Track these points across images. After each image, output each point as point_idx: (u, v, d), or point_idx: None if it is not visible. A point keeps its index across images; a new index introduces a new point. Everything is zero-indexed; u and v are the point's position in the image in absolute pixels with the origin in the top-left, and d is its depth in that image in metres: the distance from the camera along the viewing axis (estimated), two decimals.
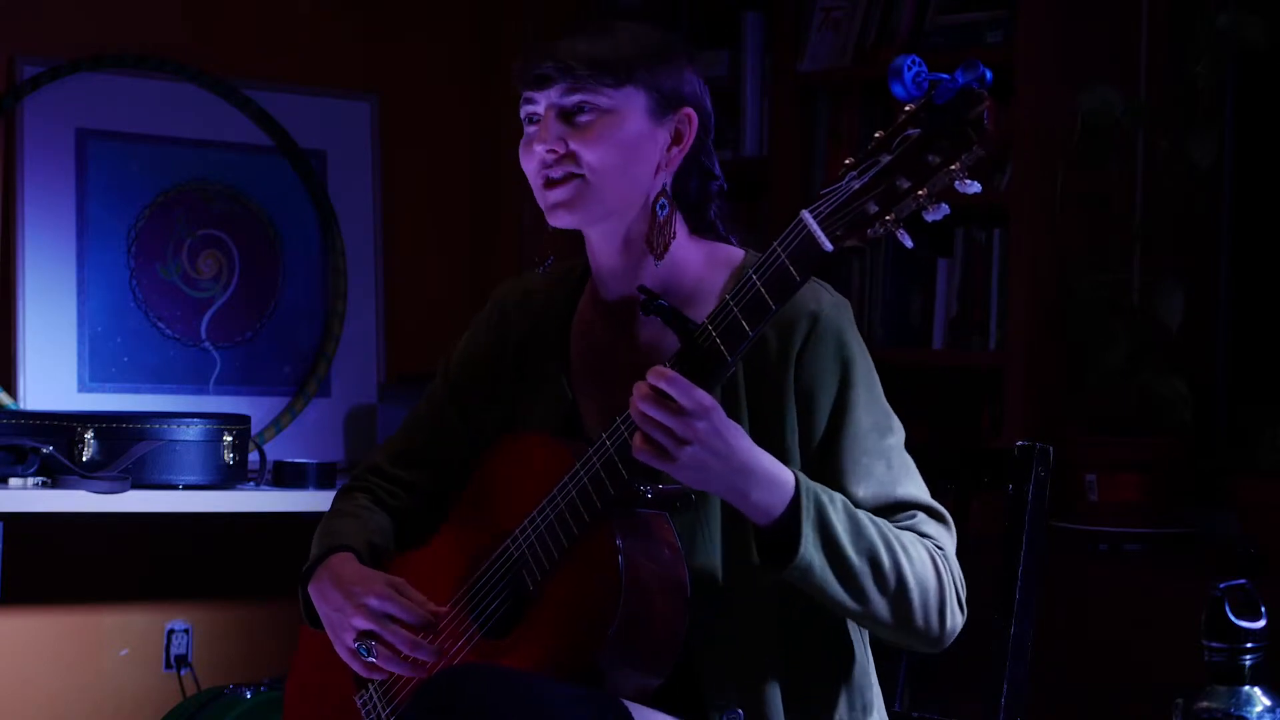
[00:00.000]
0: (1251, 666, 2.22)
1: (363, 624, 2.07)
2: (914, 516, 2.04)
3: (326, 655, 2.16)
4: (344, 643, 2.10)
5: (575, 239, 2.17)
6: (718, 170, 2.15)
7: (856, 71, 3.83)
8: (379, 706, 2.16)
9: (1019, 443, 2.30)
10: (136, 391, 3.94)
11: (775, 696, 2.03)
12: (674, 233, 2.08)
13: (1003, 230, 3.54)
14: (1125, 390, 3.36)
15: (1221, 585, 2.25)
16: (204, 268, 4.07)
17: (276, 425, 4.06)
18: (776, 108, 3.96)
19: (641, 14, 4.27)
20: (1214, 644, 2.23)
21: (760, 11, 4.05)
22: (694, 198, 2.12)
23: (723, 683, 2.03)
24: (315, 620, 2.17)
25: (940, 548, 2.03)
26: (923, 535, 2.03)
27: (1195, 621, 2.25)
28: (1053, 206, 3.38)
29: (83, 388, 3.89)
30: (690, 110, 2.09)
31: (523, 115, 2.12)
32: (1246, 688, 2.22)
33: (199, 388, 4.02)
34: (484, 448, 2.18)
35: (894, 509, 2.04)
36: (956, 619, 2.03)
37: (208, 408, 3.96)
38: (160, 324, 4.00)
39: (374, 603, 2.07)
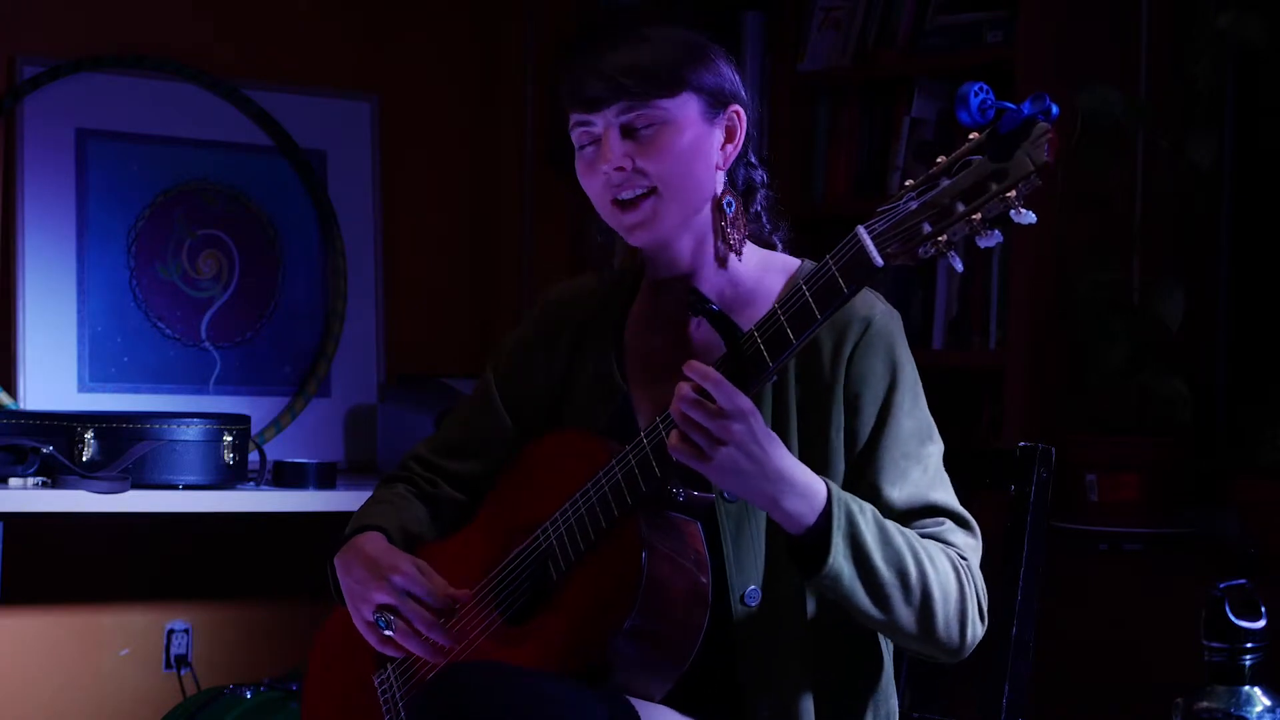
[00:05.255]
0: (1251, 666, 2.22)
1: (383, 598, 2.10)
2: (942, 524, 2.06)
3: (350, 634, 2.18)
4: (362, 615, 2.13)
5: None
6: (757, 160, 2.20)
7: (856, 71, 3.83)
8: (395, 688, 2.18)
9: (1020, 443, 2.30)
10: (136, 391, 3.94)
11: (808, 704, 2.05)
12: (745, 228, 2.14)
13: (1003, 230, 3.53)
14: (1125, 390, 3.35)
15: (1221, 585, 2.25)
16: (204, 268, 4.07)
17: (276, 425, 4.06)
18: (776, 108, 3.96)
19: (642, 14, 4.27)
20: (1214, 644, 2.23)
21: (760, 11, 4.05)
22: (742, 189, 2.17)
23: (760, 691, 2.04)
24: (343, 597, 2.19)
25: (964, 557, 2.05)
26: (948, 544, 2.05)
27: (1195, 621, 2.25)
28: (1053, 206, 3.38)
29: (83, 388, 3.89)
30: (738, 107, 2.14)
31: (576, 136, 2.12)
32: (1246, 688, 2.22)
33: (199, 388, 4.02)
34: (529, 440, 2.20)
35: (925, 512, 2.06)
36: (977, 629, 2.05)
37: (208, 408, 3.96)
38: (160, 324, 4.00)
39: (397, 579, 2.10)
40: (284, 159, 4.15)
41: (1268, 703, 2.22)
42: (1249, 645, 2.22)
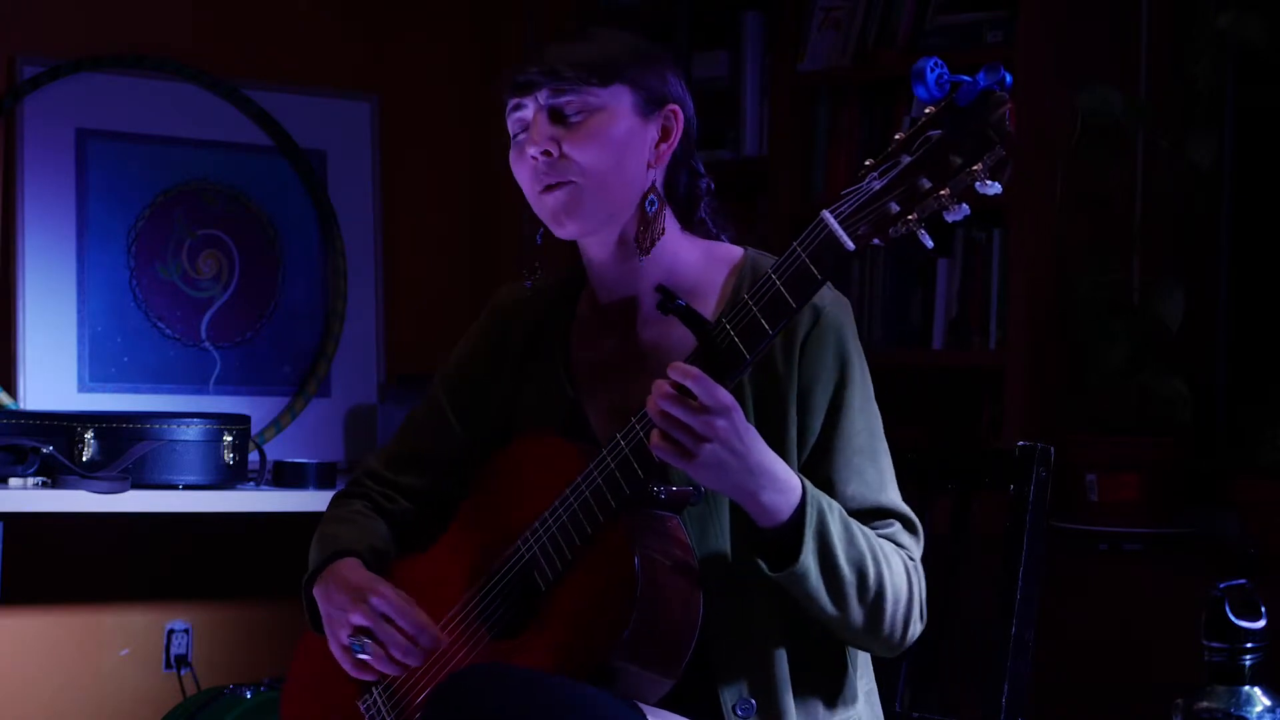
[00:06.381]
0: (1251, 666, 2.22)
1: (360, 620, 2.08)
2: (891, 525, 2.07)
3: (327, 660, 2.16)
4: (338, 638, 2.11)
5: (567, 246, 2.18)
6: (703, 170, 2.18)
7: (856, 71, 3.83)
8: (383, 711, 2.15)
9: (1020, 443, 2.30)
10: (136, 391, 3.94)
11: (785, 681, 2.04)
12: (663, 229, 2.11)
13: (1003, 230, 3.54)
14: (1125, 390, 3.36)
15: (1221, 585, 2.25)
16: (204, 268, 4.07)
17: (276, 425, 4.06)
18: (776, 108, 3.96)
19: (640, 14, 4.27)
20: (1214, 644, 2.23)
21: (760, 11, 4.06)
22: (683, 194, 2.15)
23: (733, 670, 2.04)
24: (320, 627, 2.17)
25: (912, 559, 2.07)
26: (899, 545, 2.06)
27: (1195, 621, 2.25)
28: (1053, 206, 3.38)
29: (83, 388, 3.89)
30: (675, 107, 2.12)
31: (511, 124, 2.13)
32: (1246, 688, 2.22)
33: (199, 388, 4.02)
34: (481, 451, 2.19)
35: (875, 514, 2.06)
36: (917, 628, 2.07)
37: (208, 408, 3.96)
38: (160, 324, 4.00)
39: (376, 601, 2.08)
40: (284, 159, 4.15)
41: (1268, 703, 2.22)
42: (1249, 645, 2.22)
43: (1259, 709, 2.20)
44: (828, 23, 3.90)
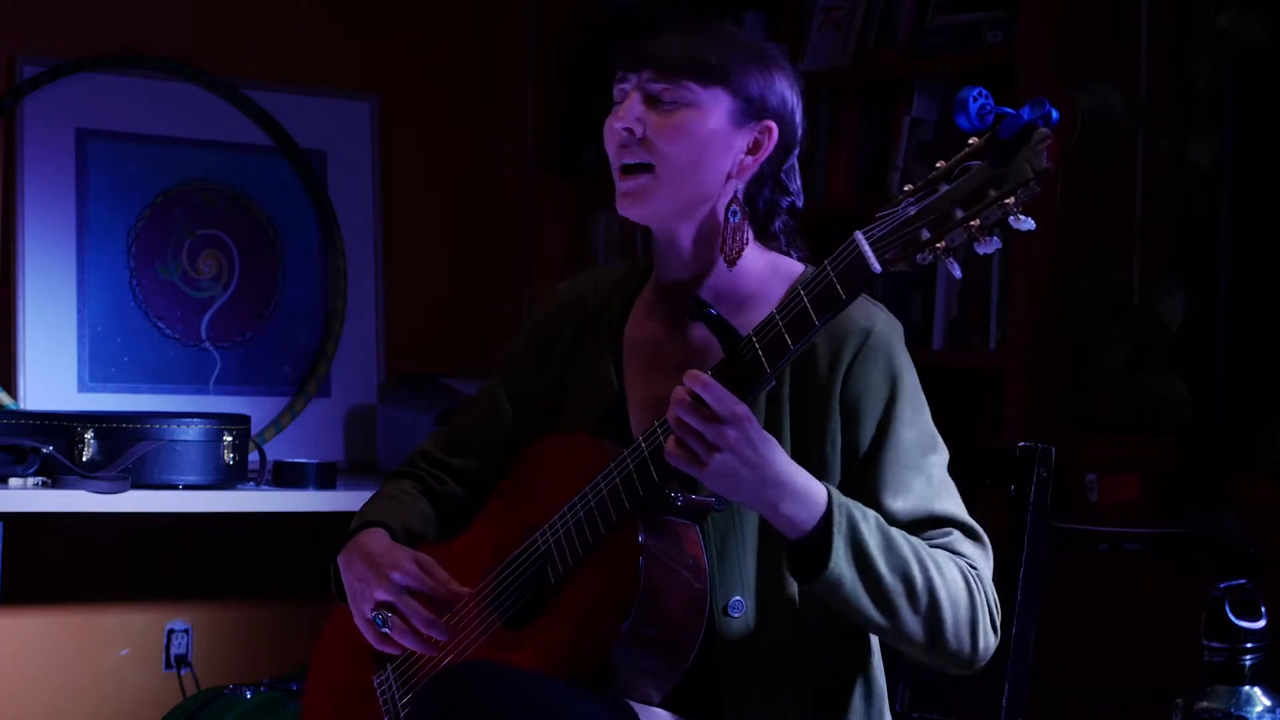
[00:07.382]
0: (1251, 666, 2.22)
1: (382, 595, 2.11)
2: (949, 534, 2.04)
3: (351, 635, 2.19)
4: (362, 612, 2.14)
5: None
6: (795, 187, 2.18)
7: (856, 71, 3.83)
8: (394, 689, 2.18)
9: (1020, 443, 2.30)
10: (136, 391, 3.95)
11: (796, 708, 2.04)
12: (746, 240, 2.11)
13: (1003, 230, 3.53)
14: (1125, 390, 3.35)
15: (1221, 585, 2.25)
16: (204, 268, 4.07)
17: (276, 425, 4.06)
18: None
19: (640, 14, 4.27)
20: (1214, 644, 2.23)
21: (760, 11, 4.05)
22: (762, 208, 2.15)
23: (745, 694, 2.04)
24: (344, 595, 2.20)
25: (974, 567, 2.03)
26: (957, 553, 2.03)
27: (1195, 621, 2.25)
28: (1053, 206, 3.38)
29: (83, 388, 3.89)
30: (772, 123, 2.11)
31: (615, 96, 2.13)
32: (1246, 688, 2.22)
33: (199, 388, 4.02)
34: (533, 437, 2.20)
35: (930, 524, 2.04)
36: (989, 640, 2.03)
37: (208, 408, 3.96)
38: (160, 324, 4.00)
39: (397, 576, 2.10)
40: (284, 159, 4.16)
41: (1268, 703, 2.22)
42: (1249, 645, 2.23)
43: (1259, 709, 2.21)
44: (828, 23, 3.90)
